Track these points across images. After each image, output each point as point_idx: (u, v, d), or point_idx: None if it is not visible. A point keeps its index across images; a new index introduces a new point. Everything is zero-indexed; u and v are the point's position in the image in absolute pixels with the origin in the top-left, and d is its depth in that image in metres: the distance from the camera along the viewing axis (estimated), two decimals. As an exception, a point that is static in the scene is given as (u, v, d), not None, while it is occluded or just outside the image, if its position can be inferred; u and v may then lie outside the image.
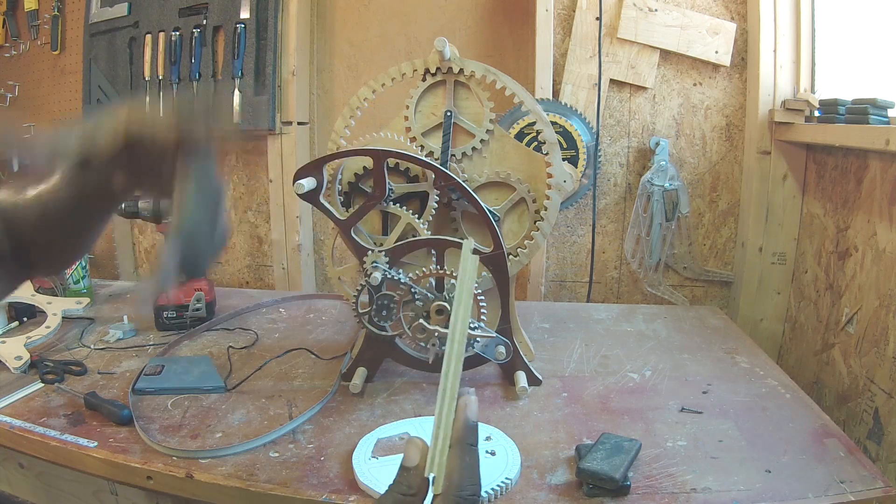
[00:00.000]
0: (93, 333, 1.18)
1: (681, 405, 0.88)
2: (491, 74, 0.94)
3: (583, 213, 1.42)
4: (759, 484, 0.69)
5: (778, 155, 1.26)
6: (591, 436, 0.79)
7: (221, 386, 0.93)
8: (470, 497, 0.42)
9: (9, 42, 1.65)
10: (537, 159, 0.97)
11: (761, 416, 0.85)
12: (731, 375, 0.98)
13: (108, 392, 0.92)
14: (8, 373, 0.99)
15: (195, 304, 1.20)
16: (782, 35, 1.23)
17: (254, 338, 1.15)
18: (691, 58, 1.32)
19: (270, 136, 1.47)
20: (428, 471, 0.43)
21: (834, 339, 1.10)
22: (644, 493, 0.68)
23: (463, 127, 0.97)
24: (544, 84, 1.34)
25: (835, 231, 1.13)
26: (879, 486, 0.68)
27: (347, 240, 0.91)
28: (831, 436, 0.79)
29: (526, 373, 0.94)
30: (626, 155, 1.39)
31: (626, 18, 1.30)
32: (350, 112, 0.98)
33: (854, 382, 1.02)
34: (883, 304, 0.95)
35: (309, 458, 0.76)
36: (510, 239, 0.99)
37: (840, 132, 1.04)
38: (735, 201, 1.38)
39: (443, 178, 0.91)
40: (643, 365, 1.02)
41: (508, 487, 0.68)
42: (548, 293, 1.46)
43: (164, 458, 0.75)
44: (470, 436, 0.45)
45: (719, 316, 1.28)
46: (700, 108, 1.35)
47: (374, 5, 1.49)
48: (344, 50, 1.52)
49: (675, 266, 1.39)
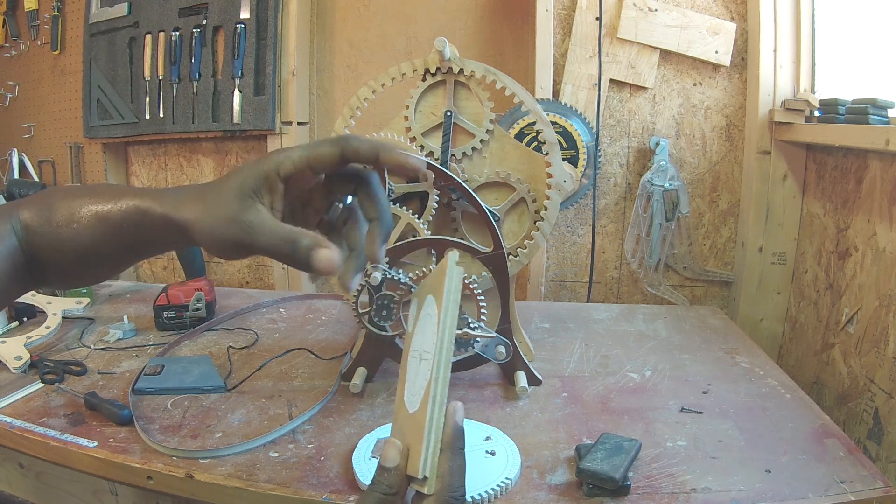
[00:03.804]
0: (93, 333, 1.18)
1: (681, 405, 0.88)
2: (491, 74, 0.94)
3: (583, 213, 1.42)
4: (759, 484, 0.69)
5: (778, 155, 1.26)
6: (591, 436, 0.79)
7: (221, 386, 0.93)
8: (460, 497, 0.45)
9: (9, 42, 1.65)
10: (537, 159, 0.97)
11: (761, 416, 0.85)
12: (731, 375, 0.98)
13: (108, 392, 0.92)
14: (8, 373, 0.99)
15: (195, 304, 1.20)
16: (782, 35, 1.23)
17: (254, 338, 1.15)
18: (691, 58, 1.32)
19: (270, 136, 1.47)
20: (421, 472, 0.44)
21: (834, 339, 1.10)
22: (644, 493, 0.68)
23: (463, 127, 0.97)
24: (544, 84, 1.34)
25: (835, 231, 1.13)
26: (879, 486, 0.68)
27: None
28: (831, 436, 0.79)
29: (526, 373, 0.94)
30: (626, 155, 1.39)
31: (626, 18, 1.30)
32: (350, 112, 0.98)
33: (854, 382, 1.02)
34: (883, 304, 0.95)
35: (309, 458, 0.76)
36: (510, 239, 0.99)
37: (840, 132, 1.04)
38: (735, 201, 1.38)
39: (443, 178, 0.91)
40: (643, 365, 1.02)
41: (508, 487, 0.68)
42: (548, 293, 1.46)
43: (164, 458, 0.75)
44: (459, 440, 0.47)
45: (719, 316, 1.27)
46: (700, 108, 1.35)
47: (374, 5, 1.49)
48: (344, 50, 1.52)
49: (675, 266, 1.39)
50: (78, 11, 1.56)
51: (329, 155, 0.45)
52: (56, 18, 1.58)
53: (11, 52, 1.65)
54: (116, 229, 0.48)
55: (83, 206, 0.49)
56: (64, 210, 0.50)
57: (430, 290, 0.52)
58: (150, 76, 1.50)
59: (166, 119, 1.50)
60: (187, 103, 1.48)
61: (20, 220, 0.51)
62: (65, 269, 0.52)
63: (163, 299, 1.19)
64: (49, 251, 0.50)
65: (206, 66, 1.46)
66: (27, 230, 0.50)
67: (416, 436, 0.45)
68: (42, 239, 0.50)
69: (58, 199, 0.51)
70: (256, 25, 1.42)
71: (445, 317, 0.48)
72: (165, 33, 1.47)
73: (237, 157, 1.57)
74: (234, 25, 1.42)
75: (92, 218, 0.49)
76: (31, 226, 0.50)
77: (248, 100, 1.43)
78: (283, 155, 0.46)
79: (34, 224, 0.50)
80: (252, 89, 1.43)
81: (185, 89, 1.48)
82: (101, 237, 0.49)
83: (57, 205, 0.50)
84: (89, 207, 0.49)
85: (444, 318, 0.48)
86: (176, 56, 1.47)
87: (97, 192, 0.50)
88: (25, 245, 0.50)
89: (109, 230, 0.49)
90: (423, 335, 0.50)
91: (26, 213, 0.51)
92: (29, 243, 0.50)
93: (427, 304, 0.52)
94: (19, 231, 0.51)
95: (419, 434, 0.45)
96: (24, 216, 0.51)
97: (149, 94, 1.51)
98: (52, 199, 0.51)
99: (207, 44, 1.46)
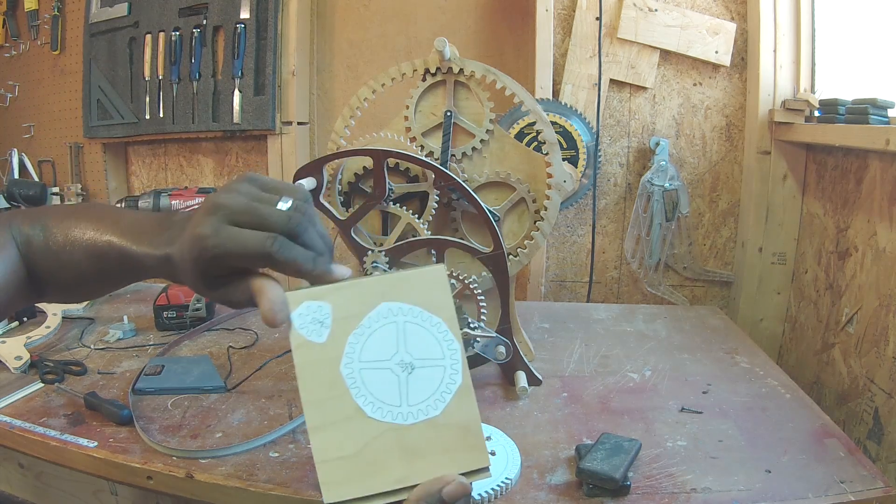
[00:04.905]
0: (93, 333, 1.18)
1: (681, 405, 0.88)
2: (491, 74, 0.94)
3: (583, 213, 1.42)
4: (759, 484, 0.69)
5: (778, 155, 1.26)
6: (591, 436, 0.79)
7: (221, 386, 0.93)
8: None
9: (9, 42, 1.65)
10: (537, 159, 0.97)
11: (761, 416, 0.85)
12: (731, 375, 0.98)
13: (108, 392, 0.92)
14: (8, 373, 0.99)
15: (195, 304, 1.20)
16: (782, 35, 1.23)
17: (254, 338, 1.15)
18: (691, 58, 1.32)
19: (270, 136, 1.47)
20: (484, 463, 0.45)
21: (834, 339, 1.10)
22: (644, 493, 0.68)
23: (463, 127, 0.97)
24: (544, 84, 1.34)
25: (835, 231, 1.13)
26: (879, 486, 0.68)
27: (347, 240, 0.91)
28: (831, 436, 0.79)
29: (526, 373, 0.94)
30: (626, 155, 1.39)
31: (626, 18, 1.30)
32: (350, 112, 0.98)
33: (854, 382, 1.02)
34: (883, 304, 0.95)
35: (309, 458, 0.75)
36: (510, 239, 0.99)
37: (840, 132, 1.04)
38: (735, 201, 1.38)
39: (443, 178, 0.91)
40: (643, 365, 1.02)
41: (508, 487, 0.68)
42: (548, 293, 1.46)
43: (164, 458, 0.75)
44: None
45: (719, 316, 1.27)
46: (700, 108, 1.35)
47: (374, 5, 1.49)
48: (344, 50, 1.52)
49: (675, 266, 1.39)
50: (78, 11, 1.56)
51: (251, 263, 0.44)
52: (56, 18, 1.58)
53: (11, 52, 1.65)
54: (103, 259, 0.51)
55: (73, 230, 0.52)
56: (59, 235, 0.52)
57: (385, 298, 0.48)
58: (150, 76, 1.50)
59: (166, 119, 1.50)
60: (187, 103, 1.48)
61: (21, 232, 0.52)
62: (64, 287, 0.54)
63: (163, 299, 1.19)
64: (50, 272, 0.52)
65: (206, 66, 1.46)
66: (28, 245, 0.52)
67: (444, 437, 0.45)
68: (43, 260, 0.52)
69: (52, 222, 0.53)
70: (256, 25, 1.42)
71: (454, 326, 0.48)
72: (165, 33, 1.47)
73: (237, 157, 1.57)
74: (234, 25, 1.42)
75: (82, 247, 0.51)
76: (31, 242, 0.52)
77: (248, 100, 1.43)
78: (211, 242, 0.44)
79: (35, 242, 0.52)
80: (252, 89, 1.43)
81: (185, 89, 1.48)
82: (96, 263, 0.51)
83: (52, 228, 0.52)
84: (80, 235, 0.51)
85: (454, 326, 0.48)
86: (176, 56, 1.47)
87: (85, 218, 0.52)
88: (26, 260, 0.52)
89: (97, 259, 0.51)
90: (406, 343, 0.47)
91: (26, 228, 0.52)
92: (30, 260, 0.52)
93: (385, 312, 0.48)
94: (21, 244, 0.52)
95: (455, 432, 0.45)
96: (24, 229, 0.52)
97: (149, 94, 1.51)
98: (48, 221, 0.53)
99: (207, 44, 1.46)
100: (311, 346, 0.45)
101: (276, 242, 0.43)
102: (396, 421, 0.45)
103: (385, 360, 0.46)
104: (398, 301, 0.47)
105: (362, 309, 0.47)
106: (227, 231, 0.43)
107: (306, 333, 0.45)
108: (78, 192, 1.63)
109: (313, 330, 0.46)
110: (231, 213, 0.44)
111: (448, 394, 0.45)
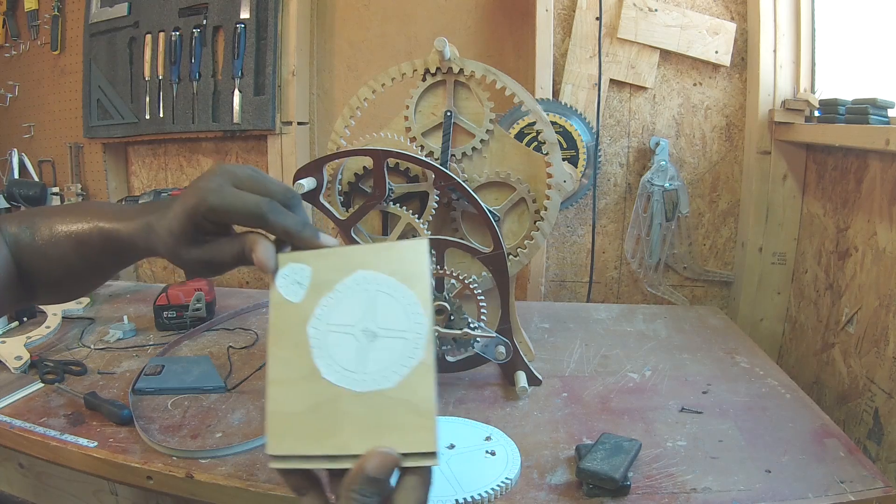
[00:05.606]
0: (93, 333, 1.18)
1: (681, 405, 0.88)
2: (491, 74, 0.94)
3: (583, 213, 1.42)
4: (759, 484, 0.69)
5: (778, 155, 1.26)
6: (591, 436, 0.79)
7: (221, 386, 0.93)
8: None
9: (9, 42, 1.65)
10: (537, 159, 0.97)
11: (761, 416, 0.85)
12: (731, 375, 0.98)
13: (108, 392, 0.92)
14: (8, 373, 0.99)
15: (195, 304, 1.20)
16: (782, 35, 1.23)
17: (254, 338, 1.16)
18: (691, 58, 1.32)
19: (270, 136, 1.47)
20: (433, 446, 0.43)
21: (834, 339, 1.10)
22: (644, 493, 0.68)
23: (463, 127, 0.97)
24: (544, 84, 1.34)
25: (835, 231, 1.13)
26: (879, 486, 0.68)
27: (347, 240, 0.91)
28: (831, 436, 0.79)
29: (526, 373, 0.94)
30: (626, 155, 1.39)
31: (626, 18, 1.30)
32: (350, 112, 0.98)
33: (854, 382, 1.02)
34: (883, 304, 0.95)
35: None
36: (510, 239, 0.99)
37: (840, 132, 1.04)
38: (735, 201, 1.38)
39: (443, 178, 0.91)
40: (643, 365, 1.02)
41: (508, 487, 0.68)
42: (548, 293, 1.46)
43: (164, 458, 0.75)
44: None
45: (719, 316, 1.28)
46: (700, 108, 1.35)
47: (374, 5, 1.49)
48: (344, 50, 1.52)
49: (675, 266, 1.39)
50: (78, 11, 1.56)
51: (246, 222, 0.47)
52: (56, 18, 1.58)
53: (11, 52, 1.65)
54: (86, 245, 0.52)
55: (58, 224, 0.53)
56: (45, 230, 0.53)
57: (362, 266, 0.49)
58: (150, 76, 1.50)
59: (166, 119, 1.50)
60: (187, 103, 1.48)
61: (9, 234, 0.54)
62: (54, 284, 0.55)
63: (163, 299, 1.19)
64: (39, 269, 0.53)
65: (206, 66, 1.46)
66: (17, 245, 0.53)
67: (394, 412, 0.43)
68: (31, 258, 0.53)
69: (39, 219, 0.54)
70: (256, 25, 1.42)
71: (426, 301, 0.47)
72: (165, 33, 1.47)
73: (237, 157, 1.57)
74: (234, 25, 1.42)
75: (67, 238, 0.53)
76: (20, 242, 0.53)
77: (248, 100, 1.43)
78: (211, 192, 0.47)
79: (23, 241, 0.53)
80: (252, 89, 1.43)
81: (185, 89, 1.48)
82: (81, 251, 0.52)
83: (38, 225, 0.54)
84: (65, 227, 0.53)
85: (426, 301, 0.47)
86: (176, 56, 1.47)
87: (70, 212, 0.54)
88: (16, 259, 0.53)
89: (81, 246, 0.52)
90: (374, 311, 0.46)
91: (14, 228, 0.54)
92: (19, 260, 0.53)
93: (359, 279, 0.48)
94: (11, 244, 0.53)
95: (406, 409, 0.43)
96: (11, 230, 0.54)
97: (149, 94, 1.51)
98: (35, 219, 0.54)
99: (207, 44, 1.46)
100: (286, 305, 0.47)
101: (271, 204, 0.46)
102: (349, 386, 0.44)
103: (350, 325, 0.46)
104: (375, 270, 0.47)
105: (339, 275, 0.47)
106: (230, 189, 0.47)
107: (284, 293, 0.47)
108: (78, 192, 1.63)
109: (292, 290, 0.47)
110: (236, 178, 0.48)
111: (405, 367, 0.44)
